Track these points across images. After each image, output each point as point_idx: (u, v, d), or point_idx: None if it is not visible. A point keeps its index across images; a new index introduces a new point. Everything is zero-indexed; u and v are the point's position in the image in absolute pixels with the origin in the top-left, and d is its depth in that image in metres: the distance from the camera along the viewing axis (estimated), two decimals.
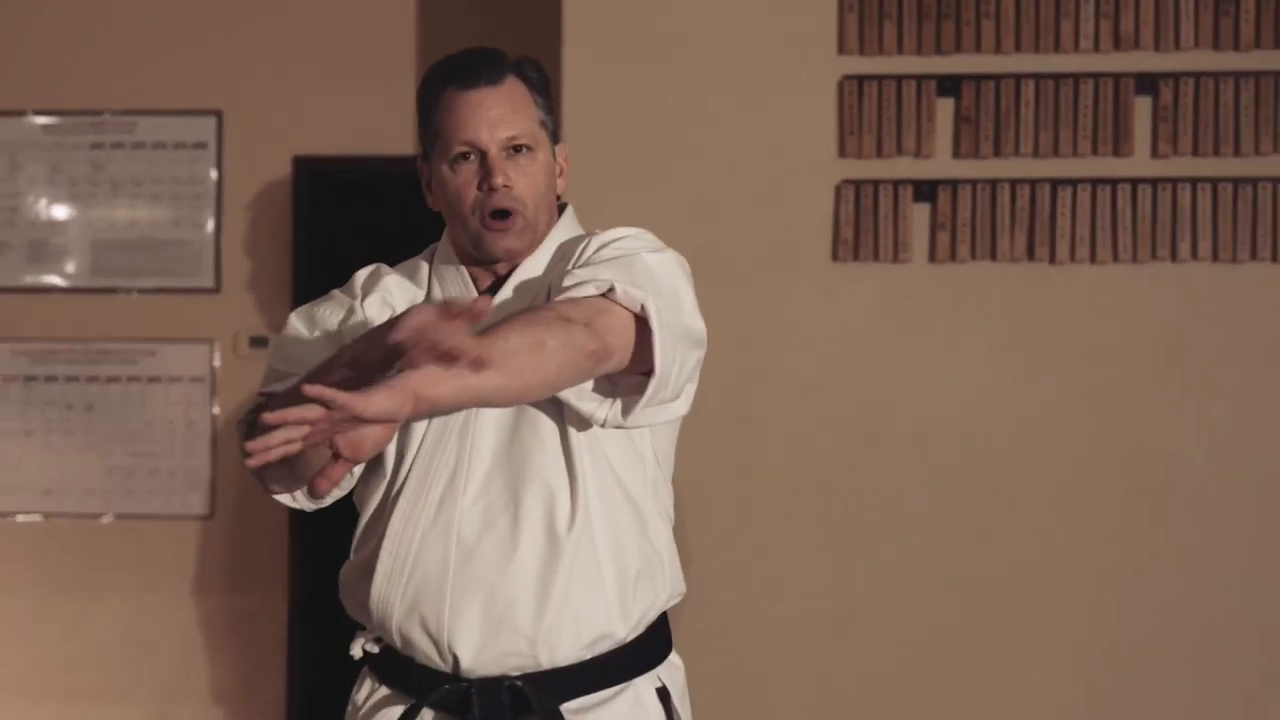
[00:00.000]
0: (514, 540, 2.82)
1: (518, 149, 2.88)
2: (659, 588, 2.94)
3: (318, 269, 6.20)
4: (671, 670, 2.99)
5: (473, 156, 2.87)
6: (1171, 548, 5.40)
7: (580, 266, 2.77)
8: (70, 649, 6.32)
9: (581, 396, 2.73)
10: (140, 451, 6.32)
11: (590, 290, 2.65)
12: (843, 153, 5.50)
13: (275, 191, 6.38)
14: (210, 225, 6.39)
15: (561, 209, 3.04)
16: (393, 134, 6.28)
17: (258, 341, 6.26)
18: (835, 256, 5.50)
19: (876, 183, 5.48)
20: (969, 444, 5.45)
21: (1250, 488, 5.38)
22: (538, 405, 2.80)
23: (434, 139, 2.92)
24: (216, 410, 6.35)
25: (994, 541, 5.43)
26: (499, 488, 2.82)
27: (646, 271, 2.73)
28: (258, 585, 6.32)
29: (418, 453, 2.84)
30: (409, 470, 2.84)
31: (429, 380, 2.29)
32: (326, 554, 3.13)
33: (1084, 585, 5.41)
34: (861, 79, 5.49)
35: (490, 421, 2.83)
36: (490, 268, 2.94)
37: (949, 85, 5.48)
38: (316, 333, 2.91)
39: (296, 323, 2.96)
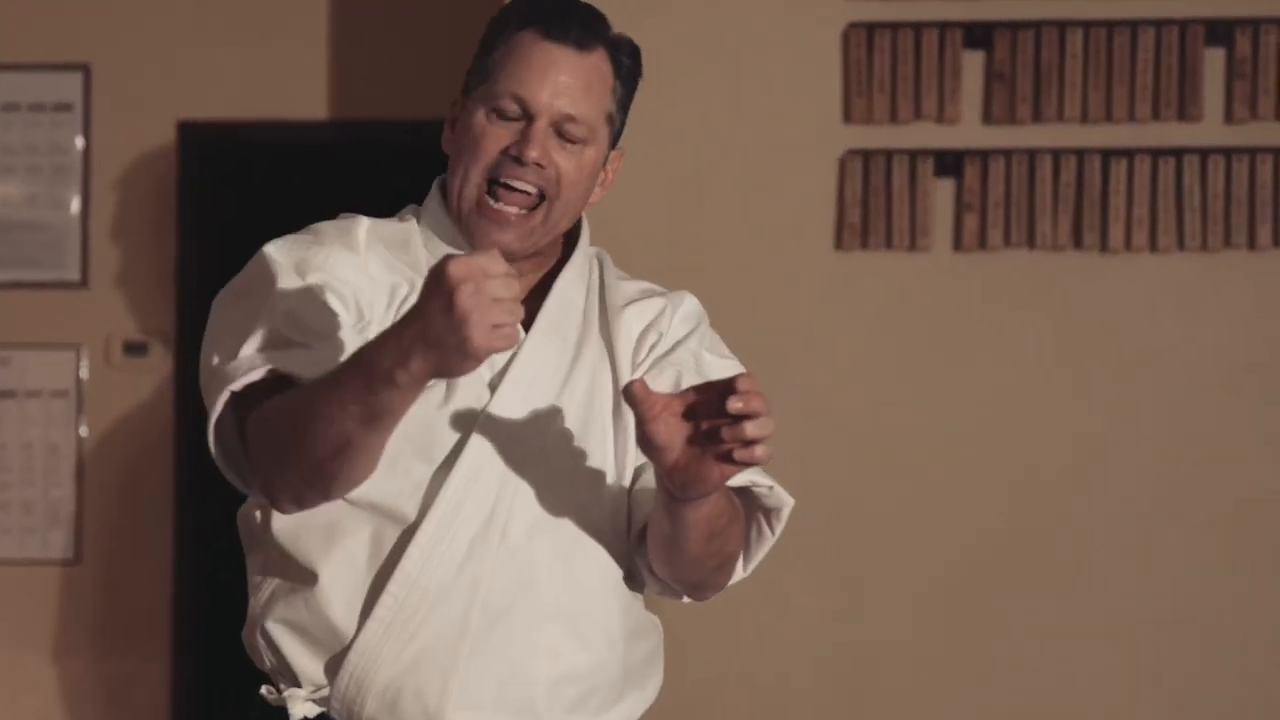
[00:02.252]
0: (554, 614, 2.77)
1: (569, 136, 2.81)
2: (655, 681, 2.93)
3: (208, 257, 6.18)
4: None
5: (517, 116, 2.79)
6: (1254, 590, 5.27)
7: (667, 359, 2.85)
8: None
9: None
10: None
11: (736, 482, 2.69)
12: (849, 118, 5.37)
13: (156, 163, 6.29)
14: (75, 204, 6.30)
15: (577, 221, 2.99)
16: (301, 95, 6.25)
17: (135, 348, 6.22)
18: (839, 244, 5.37)
19: (889, 153, 5.36)
20: (1003, 470, 5.34)
21: None
22: (596, 457, 2.79)
23: (484, 76, 2.83)
24: (84, 431, 6.26)
25: (1038, 586, 5.32)
26: (545, 546, 2.77)
27: None
28: (134, 643, 6.23)
29: (452, 474, 2.72)
30: (434, 504, 2.72)
31: None
32: (219, 603, 2.95)
33: (1148, 635, 5.29)
34: (871, 27, 5.37)
35: (539, 471, 2.76)
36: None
37: (978, 35, 5.35)
38: (319, 282, 2.76)
39: (287, 268, 2.78)
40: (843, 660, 5.39)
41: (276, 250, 2.85)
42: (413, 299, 2.63)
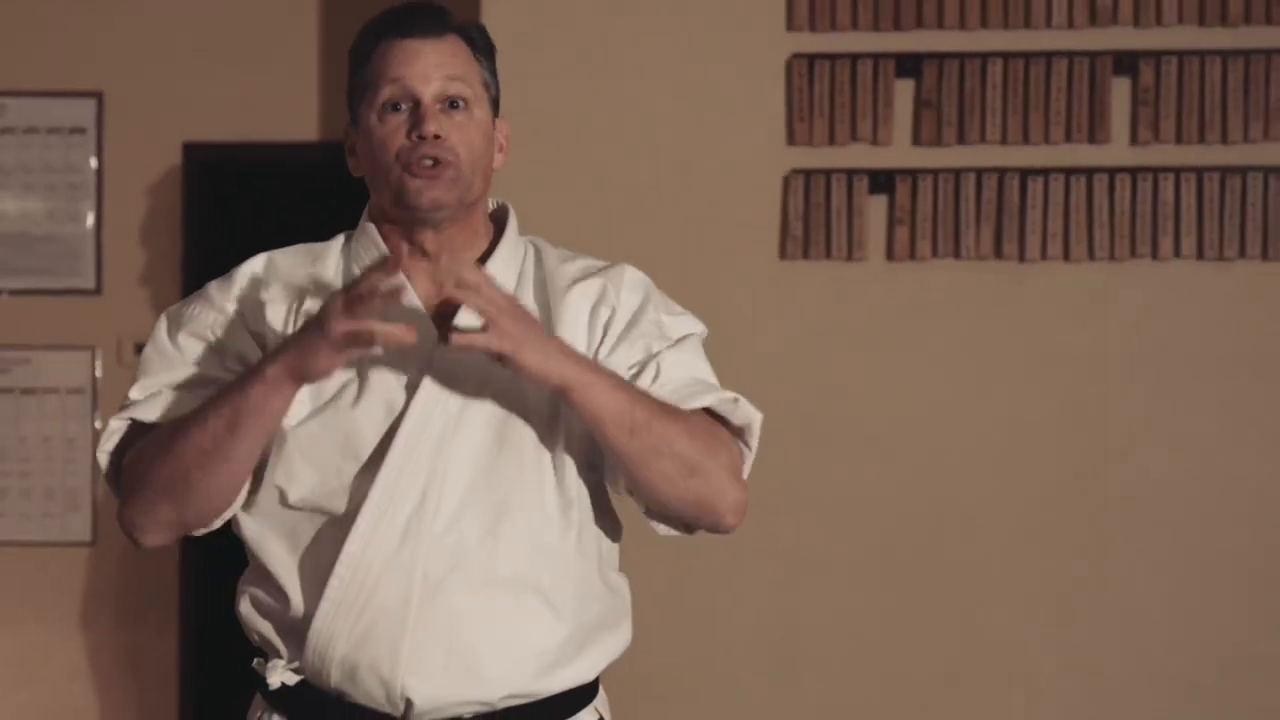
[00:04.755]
0: (487, 581, 2.81)
1: (455, 104, 2.86)
2: (620, 635, 2.97)
3: (210, 267, 5.98)
4: (602, 700, 3.01)
5: (403, 106, 2.85)
6: (1146, 566, 5.43)
7: (631, 333, 2.90)
8: None
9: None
10: (13, 470, 6.31)
11: (699, 403, 2.86)
12: (791, 140, 5.50)
13: (163, 182, 6.36)
14: (90, 219, 6.37)
15: (503, 209, 3.04)
16: (295, 119, 6.30)
17: (144, 348, 5.99)
18: (783, 254, 5.50)
19: (829, 173, 5.48)
20: (930, 459, 5.48)
21: (1232, 503, 5.43)
22: (523, 435, 2.84)
23: (363, 90, 2.89)
24: (99, 424, 6.31)
25: (955, 562, 5.47)
26: (473, 521, 2.81)
27: (706, 365, 2.99)
28: (147, 616, 6.32)
29: (382, 466, 2.78)
30: (371, 484, 2.78)
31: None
32: (220, 581, 3.22)
33: (1053, 611, 5.45)
34: (812, 58, 5.49)
35: (466, 446, 2.81)
36: (416, 241, 2.90)
37: (909, 65, 5.49)
38: (188, 340, 2.90)
39: (163, 331, 2.93)
40: (779, 627, 5.46)
41: (163, 320, 2.94)
42: (311, 300, 2.85)
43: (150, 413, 2.81)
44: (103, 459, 2.87)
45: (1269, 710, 5.43)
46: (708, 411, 2.88)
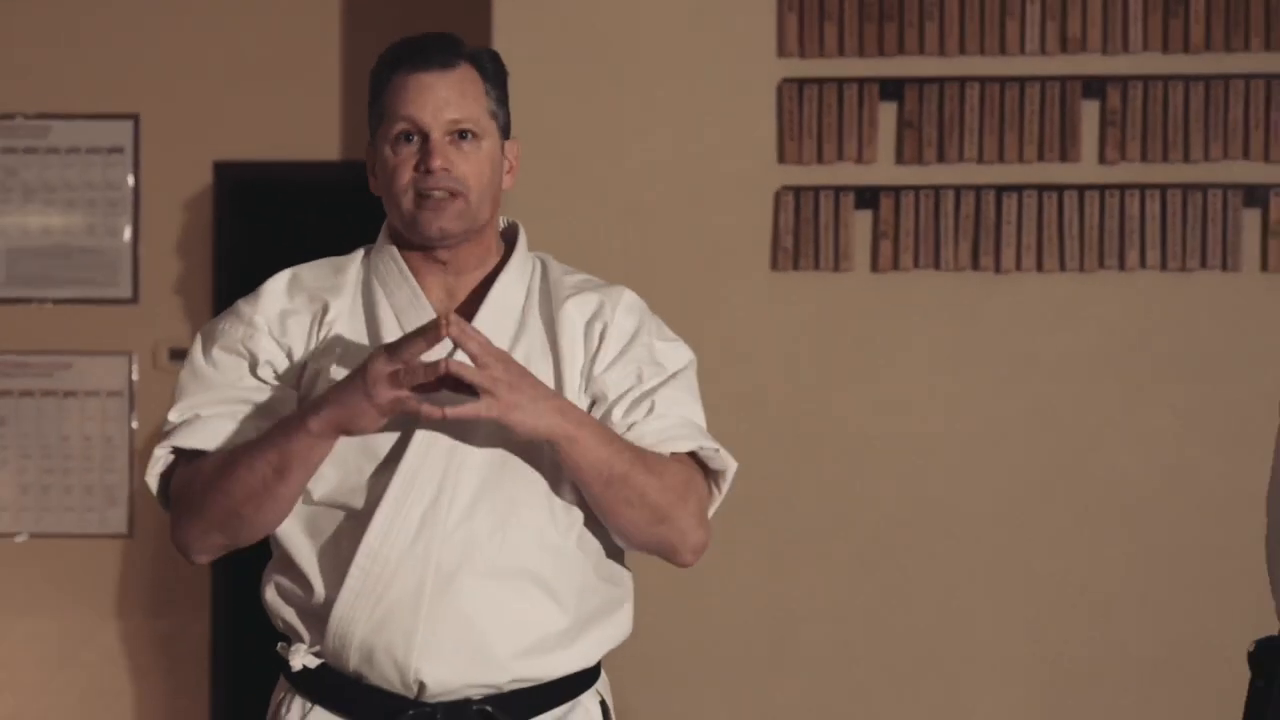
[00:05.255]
0: (495, 574, 2.86)
1: (463, 135, 2.91)
2: (619, 623, 3.03)
3: (239, 278, 6.11)
4: (604, 684, 3.07)
5: (414, 138, 2.90)
6: (1116, 561, 5.45)
7: (625, 356, 2.97)
8: None
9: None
10: (56, 468, 6.34)
11: (683, 447, 2.94)
12: (782, 158, 5.55)
13: (195, 198, 6.40)
14: (127, 233, 6.40)
15: (514, 227, 3.09)
16: (318, 139, 6.34)
17: (178, 354, 6.18)
18: (774, 265, 5.55)
19: (817, 189, 5.52)
20: (911, 458, 5.51)
21: (1197, 505, 5.44)
22: (528, 447, 2.89)
23: (379, 120, 2.95)
24: (135, 425, 6.36)
25: (936, 556, 5.49)
26: (484, 518, 2.87)
27: (696, 403, 3.04)
28: (180, 605, 6.33)
29: (400, 465, 2.85)
30: (389, 482, 2.85)
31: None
32: (248, 571, 3.26)
33: (1027, 599, 5.47)
34: (801, 82, 5.53)
35: (478, 447, 2.87)
36: (431, 255, 2.96)
37: (891, 89, 5.53)
38: (221, 355, 2.96)
39: (198, 351, 3.00)
40: (772, 617, 5.51)
41: (198, 342, 3.00)
42: (334, 309, 2.93)
43: (191, 439, 2.89)
44: (152, 483, 2.95)
45: (1227, 693, 5.03)
46: (690, 453, 2.96)
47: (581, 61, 5.57)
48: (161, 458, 2.93)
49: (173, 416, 2.93)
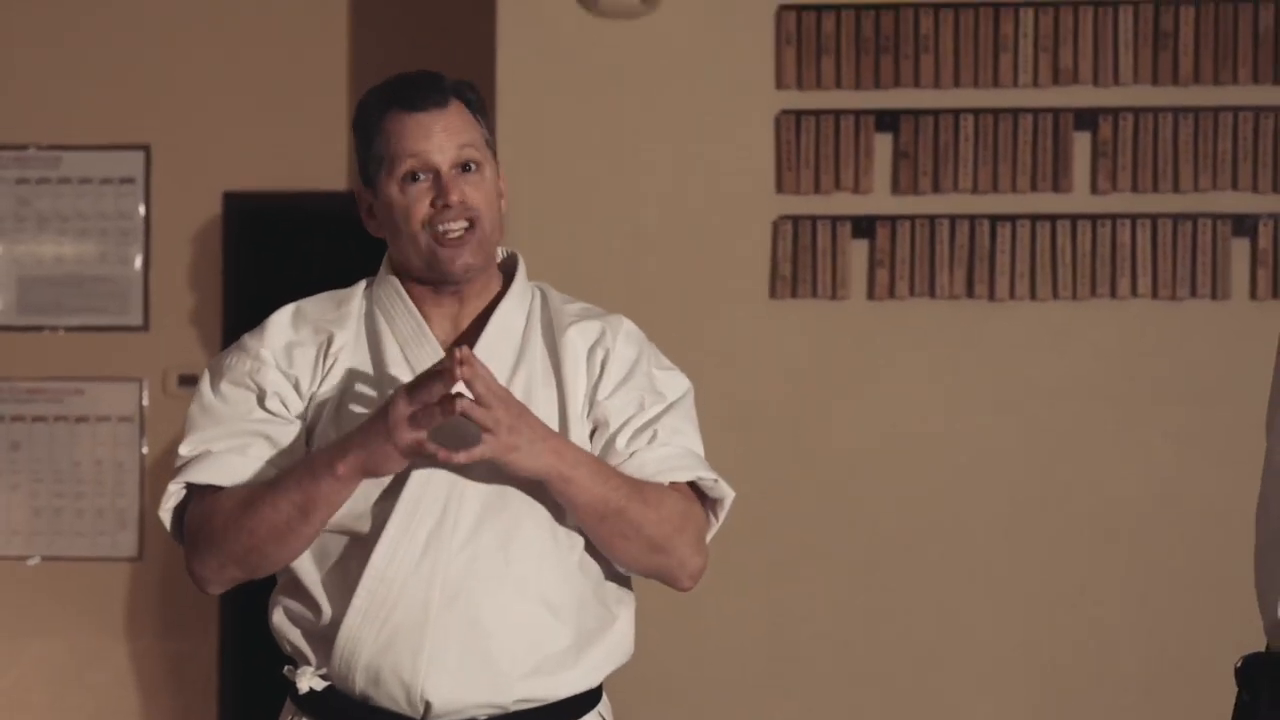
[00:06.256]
0: (500, 592, 2.87)
1: (467, 167, 2.94)
2: (621, 643, 3.03)
3: (248, 306, 6.19)
4: (605, 706, 3.08)
5: (424, 176, 2.92)
6: (1109, 585, 5.46)
7: (627, 384, 2.99)
8: None
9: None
10: (68, 492, 6.33)
11: (683, 477, 2.97)
12: (780, 188, 5.55)
13: (205, 227, 6.42)
14: (138, 261, 6.41)
15: (513, 258, 3.11)
16: (326, 169, 6.34)
17: (187, 380, 6.21)
18: (773, 293, 5.55)
19: (814, 219, 5.53)
20: (908, 482, 5.51)
21: (1188, 526, 5.44)
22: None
23: (379, 162, 2.96)
24: (145, 450, 6.37)
25: (933, 578, 5.50)
26: (488, 537, 2.88)
27: (695, 432, 3.07)
28: (188, 627, 6.33)
29: (404, 489, 2.86)
30: (394, 506, 2.86)
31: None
32: (257, 595, 3.24)
33: (1023, 622, 5.47)
34: (799, 114, 5.55)
35: (480, 471, 2.87)
36: (439, 289, 2.99)
37: (887, 120, 5.53)
38: (229, 388, 2.98)
39: (206, 386, 3.01)
40: (771, 636, 5.51)
41: (206, 376, 3.01)
42: (339, 340, 2.94)
43: (203, 474, 2.90)
44: (165, 518, 2.96)
45: (1218, 708, 5.07)
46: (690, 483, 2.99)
47: (583, 93, 5.59)
48: (175, 493, 2.95)
49: (184, 451, 2.96)
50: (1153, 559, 5.45)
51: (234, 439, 2.91)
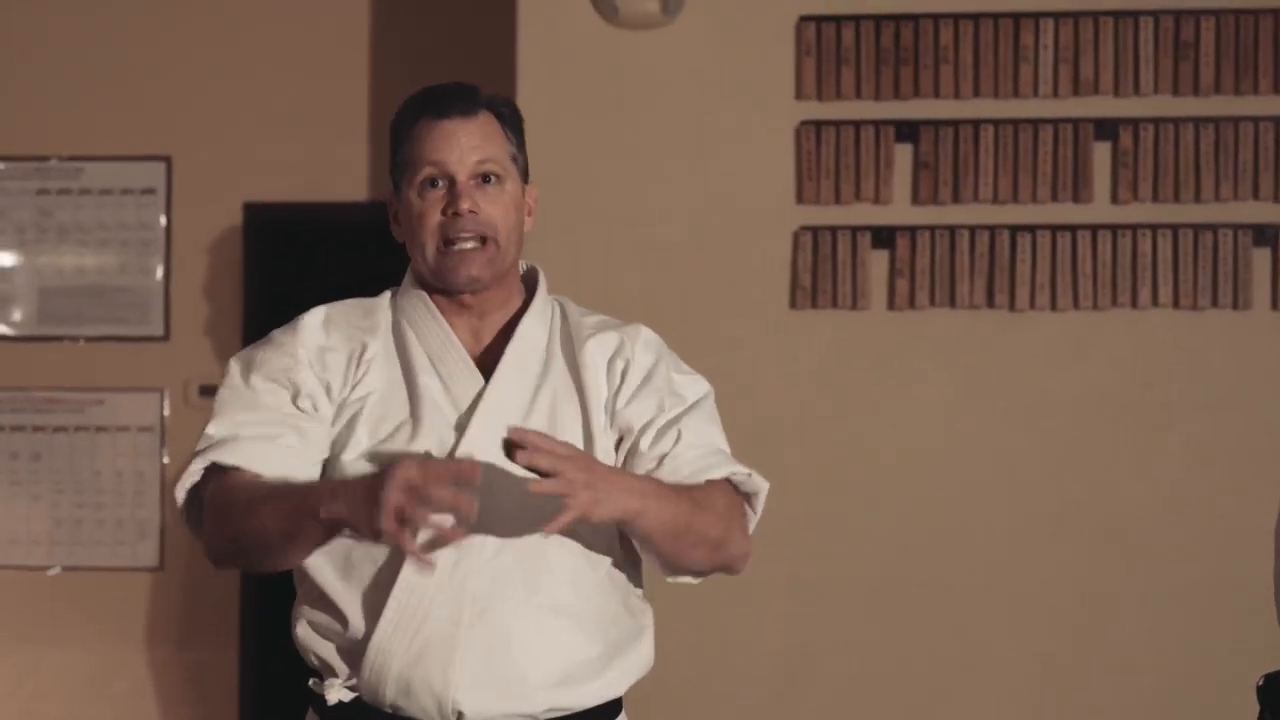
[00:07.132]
0: (529, 603, 2.89)
1: (487, 178, 2.95)
2: (642, 654, 3.04)
3: (269, 316, 5.72)
4: (624, 718, 3.09)
5: (441, 183, 2.94)
6: (1129, 595, 5.46)
7: (645, 388, 3.00)
8: (17, 703, 6.34)
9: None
10: (89, 502, 6.36)
11: (719, 474, 2.98)
12: (800, 199, 5.57)
13: (226, 238, 6.45)
14: (159, 272, 6.45)
15: (534, 272, 3.11)
16: (346, 180, 6.37)
17: (208, 390, 6.20)
18: (793, 304, 5.58)
19: (835, 229, 5.55)
20: (928, 492, 5.52)
21: (1209, 536, 5.43)
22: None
23: (404, 168, 2.99)
24: (166, 460, 6.40)
25: (952, 591, 5.51)
26: (518, 548, 2.89)
27: (720, 431, 3.09)
28: (209, 637, 6.37)
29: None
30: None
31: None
32: (278, 604, 3.24)
33: (1043, 634, 5.48)
34: (819, 124, 5.58)
35: (509, 481, 2.85)
36: (456, 299, 3.00)
37: (907, 131, 5.56)
38: (262, 382, 2.97)
39: (237, 374, 3.01)
40: (788, 652, 5.52)
41: (234, 365, 3.02)
42: (372, 349, 2.95)
43: (230, 456, 2.89)
44: (180, 495, 2.95)
45: None
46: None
47: (603, 106, 5.63)
48: (197, 473, 2.94)
49: (211, 430, 2.95)
50: (1173, 573, 5.45)
51: (266, 428, 2.91)
